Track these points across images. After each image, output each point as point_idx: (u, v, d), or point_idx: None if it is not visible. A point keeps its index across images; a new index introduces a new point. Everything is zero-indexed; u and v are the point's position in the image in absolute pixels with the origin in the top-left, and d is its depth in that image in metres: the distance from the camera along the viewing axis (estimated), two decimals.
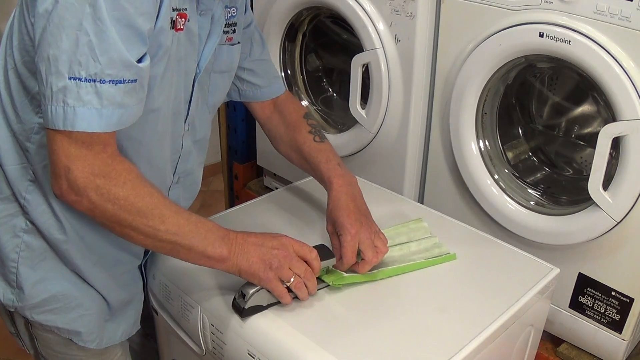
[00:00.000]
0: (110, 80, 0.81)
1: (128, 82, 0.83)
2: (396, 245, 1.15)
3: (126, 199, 0.85)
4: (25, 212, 0.97)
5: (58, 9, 0.78)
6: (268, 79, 1.26)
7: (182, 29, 0.92)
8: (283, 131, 1.26)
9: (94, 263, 1.02)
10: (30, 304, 1.00)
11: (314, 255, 0.99)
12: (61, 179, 0.84)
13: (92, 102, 0.81)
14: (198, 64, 1.02)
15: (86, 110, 0.81)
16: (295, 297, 1.00)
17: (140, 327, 1.16)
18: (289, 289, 0.97)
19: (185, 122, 1.05)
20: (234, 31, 1.09)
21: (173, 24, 0.90)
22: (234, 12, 1.07)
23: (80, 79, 0.80)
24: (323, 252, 1.01)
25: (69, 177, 0.83)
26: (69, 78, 0.80)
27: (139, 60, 0.84)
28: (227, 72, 1.12)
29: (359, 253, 1.05)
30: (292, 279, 0.96)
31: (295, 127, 1.24)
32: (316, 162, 1.18)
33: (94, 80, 0.80)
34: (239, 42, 1.12)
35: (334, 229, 1.08)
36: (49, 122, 0.82)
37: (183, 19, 0.91)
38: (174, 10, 0.89)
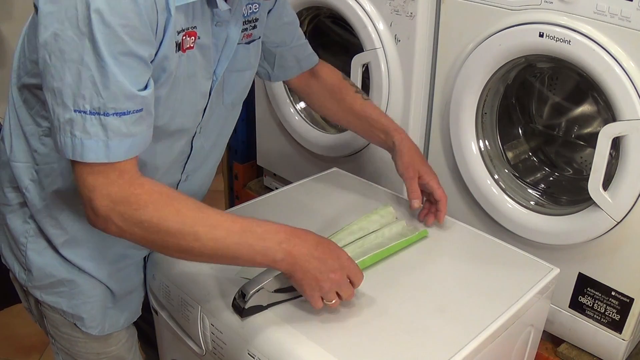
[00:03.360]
0: (114, 113, 0.81)
1: (133, 113, 0.83)
2: (372, 233, 1.15)
3: (150, 222, 0.84)
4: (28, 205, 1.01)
5: (59, 42, 0.79)
6: (298, 60, 1.26)
7: (192, 47, 0.92)
8: (327, 94, 1.29)
9: (94, 258, 1.05)
10: (38, 284, 1.05)
11: (359, 279, 0.96)
12: (87, 208, 0.85)
13: (98, 134, 0.81)
14: (215, 72, 1.02)
15: (93, 142, 0.81)
16: (298, 297, 1.00)
17: (141, 313, 1.18)
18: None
19: (197, 125, 1.06)
20: (254, 27, 1.08)
21: (179, 47, 0.90)
22: (255, 9, 1.06)
23: (85, 112, 0.80)
24: None
25: (92, 206, 0.84)
26: (74, 111, 0.80)
27: (145, 87, 0.84)
28: (245, 71, 1.12)
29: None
30: (333, 301, 0.94)
31: (340, 89, 1.29)
32: (375, 117, 1.27)
33: (98, 114, 0.81)
34: (258, 38, 1.12)
35: (414, 174, 1.20)
36: (59, 151, 0.84)
37: (192, 37, 0.91)
38: (179, 32, 0.89)
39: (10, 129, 0.98)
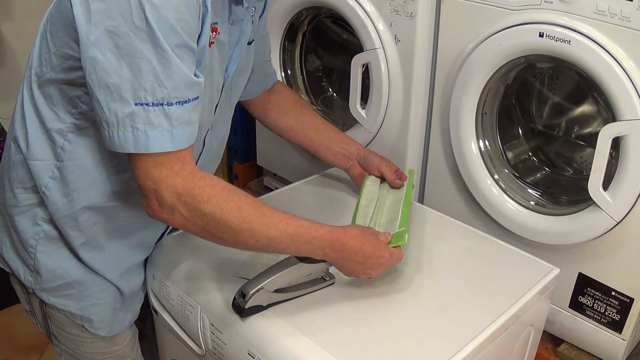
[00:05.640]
0: (177, 102, 0.84)
1: (193, 100, 0.86)
2: (378, 199, 1.24)
3: (213, 215, 0.87)
4: (45, 205, 1.00)
5: (114, 38, 0.80)
6: (265, 76, 1.32)
7: (213, 42, 0.94)
8: (288, 109, 1.34)
9: (110, 260, 1.05)
10: (47, 287, 1.04)
11: (399, 260, 1.04)
12: (151, 200, 0.87)
13: (163, 124, 0.84)
14: (227, 69, 1.04)
15: (158, 133, 0.83)
16: (298, 297, 1.01)
17: (140, 311, 1.19)
18: None
19: (210, 122, 1.08)
20: (251, 29, 1.11)
21: (209, 41, 0.92)
22: (252, 12, 1.09)
23: (147, 104, 0.82)
24: None
25: (158, 197, 0.86)
26: (136, 104, 0.82)
27: (195, 76, 0.86)
28: (245, 71, 1.16)
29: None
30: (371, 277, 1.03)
31: (301, 105, 1.37)
32: (335, 131, 1.36)
33: (162, 104, 0.83)
34: (253, 40, 1.15)
35: (387, 164, 1.30)
36: (117, 146, 0.85)
37: (214, 33, 0.94)
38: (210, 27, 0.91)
39: (27, 127, 0.97)
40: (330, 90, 1.98)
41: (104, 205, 1.00)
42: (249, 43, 1.12)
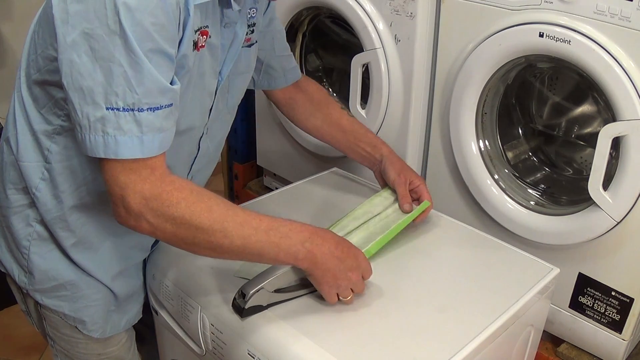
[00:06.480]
0: (148, 108, 0.82)
1: (165, 107, 0.84)
2: (375, 216, 1.19)
3: (182, 218, 0.85)
4: (36, 206, 1.00)
5: (89, 41, 0.79)
6: (284, 70, 1.29)
7: (203, 46, 0.93)
8: (313, 108, 1.32)
9: (101, 261, 1.05)
10: (40, 287, 1.04)
11: (369, 275, 1.01)
12: (118, 207, 0.86)
13: (133, 130, 0.82)
14: (220, 72, 1.03)
15: (127, 139, 0.82)
16: (298, 297, 1.01)
17: (142, 315, 1.18)
18: None
19: (204, 126, 1.07)
20: (252, 32, 1.10)
21: (195, 45, 0.91)
22: (253, 13, 1.08)
23: (118, 109, 0.81)
24: None
25: (124, 204, 0.85)
26: (107, 108, 0.81)
27: (171, 83, 0.85)
28: (246, 73, 1.14)
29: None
30: (348, 297, 0.99)
31: (327, 103, 1.32)
32: (362, 132, 1.31)
33: (132, 110, 0.81)
34: (256, 42, 1.14)
35: (405, 180, 1.22)
36: (88, 150, 0.84)
37: (204, 36, 0.92)
38: (196, 31, 0.90)
39: (17, 129, 0.97)
40: (331, 90, 1.98)
41: (93, 206, 0.99)
42: (250, 45, 1.11)
